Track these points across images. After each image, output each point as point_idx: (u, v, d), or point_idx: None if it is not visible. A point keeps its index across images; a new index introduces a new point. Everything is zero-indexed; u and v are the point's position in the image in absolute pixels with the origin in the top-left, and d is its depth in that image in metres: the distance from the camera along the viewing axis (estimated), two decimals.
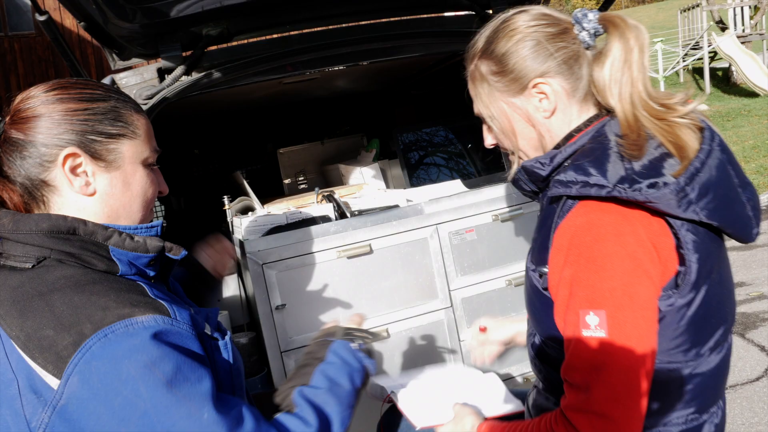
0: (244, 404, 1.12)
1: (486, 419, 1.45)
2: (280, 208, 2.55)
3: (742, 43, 13.77)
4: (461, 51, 2.78)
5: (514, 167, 1.40)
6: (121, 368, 0.98)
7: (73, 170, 1.14)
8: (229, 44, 2.23)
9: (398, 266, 2.32)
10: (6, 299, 1.04)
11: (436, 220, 2.36)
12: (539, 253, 1.28)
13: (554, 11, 1.33)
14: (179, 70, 2.09)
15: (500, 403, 1.64)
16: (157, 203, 3.72)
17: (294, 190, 3.55)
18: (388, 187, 3.02)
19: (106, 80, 2.08)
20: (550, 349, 1.32)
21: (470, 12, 2.57)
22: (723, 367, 1.28)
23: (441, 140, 2.98)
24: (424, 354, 2.36)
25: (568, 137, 1.30)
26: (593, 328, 1.13)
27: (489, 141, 1.45)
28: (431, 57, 2.96)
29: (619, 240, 1.13)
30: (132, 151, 1.19)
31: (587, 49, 1.28)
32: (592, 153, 1.20)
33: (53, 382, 0.98)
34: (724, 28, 14.69)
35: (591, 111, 1.32)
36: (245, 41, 2.29)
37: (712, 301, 1.20)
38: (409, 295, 2.34)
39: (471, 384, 1.73)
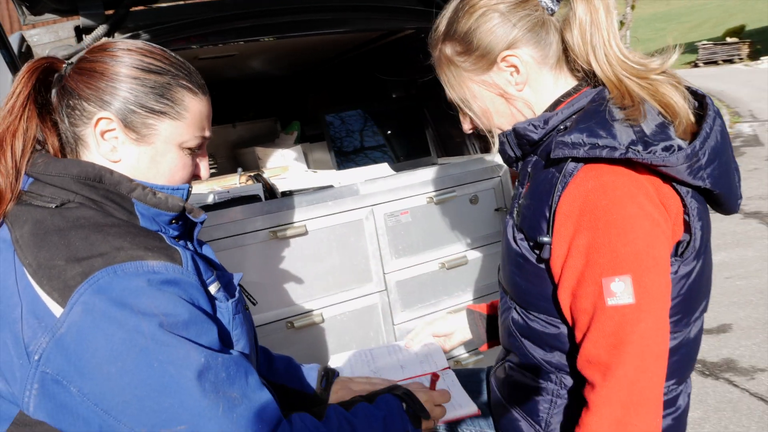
0: (250, 366, 1.10)
1: None
2: (203, 188, 2.39)
3: None
4: (391, 30, 2.79)
5: (497, 145, 1.35)
6: (126, 304, 0.98)
7: (104, 134, 1.14)
8: (157, 5, 2.05)
9: (333, 248, 2.24)
10: (27, 231, 1.05)
11: (371, 201, 2.29)
12: (532, 221, 1.22)
13: None
14: (100, 29, 1.89)
15: (454, 407, 1.55)
16: None
17: None
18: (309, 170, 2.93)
19: (14, 37, 1.84)
20: (534, 323, 1.28)
21: None
22: (701, 336, 1.29)
23: (366, 123, 2.92)
24: (358, 340, 2.29)
25: (557, 103, 1.26)
26: (619, 295, 1.08)
27: (466, 127, 1.39)
28: (353, 37, 2.90)
29: (635, 201, 1.09)
30: (170, 131, 1.17)
31: (552, 14, 1.24)
32: (596, 115, 1.15)
33: (56, 309, 0.97)
34: None
35: (569, 78, 1.28)
36: (173, 3, 2.12)
37: (706, 271, 1.21)
38: (344, 278, 2.27)
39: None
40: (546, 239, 1.17)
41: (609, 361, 1.11)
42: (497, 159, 2.53)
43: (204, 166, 1.28)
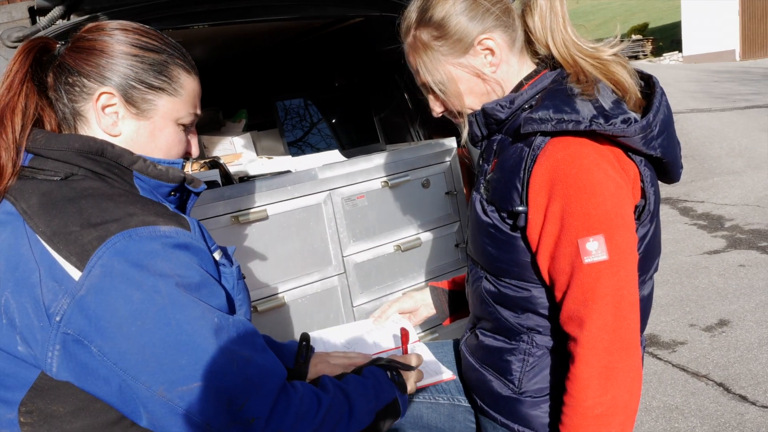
0: (255, 329, 1.14)
1: None
2: None
3: None
4: (337, 18, 2.82)
5: (466, 130, 1.43)
6: (143, 266, 1.01)
7: (104, 108, 1.17)
8: None
9: (293, 232, 2.27)
10: (35, 203, 1.07)
11: (329, 186, 2.34)
12: (503, 193, 1.30)
13: None
14: (56, 11, 1.83)
15: (431, 374, 1.63)
16: None
17: None
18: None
19: None
20: (506, 289, 1.37)
21: None
22: (653, 293, 1.42)
23: (315, 111, 2.94)
24: (320, 322, 2.33)
25: (520, 85, 1.36)
26: (594, 253, 1.18)
27: (437, 110, 1.46)
28: (298, 25, 2.91)
29: (600, 168, 1.20)
30: (168, 107, 1.21)
31: (513, 0, 1.35)
32: (558, 93, 1.26)
33: (75, 273, 1.00)
34: None
35: (530, 63, 1.39)
36: None
37: (658, 232, 1.34)
38: (305, 262, 2.30)
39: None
40: (521, 208, 1.26)
41: (589, 313, 1.21)
42: (447, 144, 2.62)
43: (195, 143, 1.32)
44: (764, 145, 8.69)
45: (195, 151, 1.32)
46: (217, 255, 1.19)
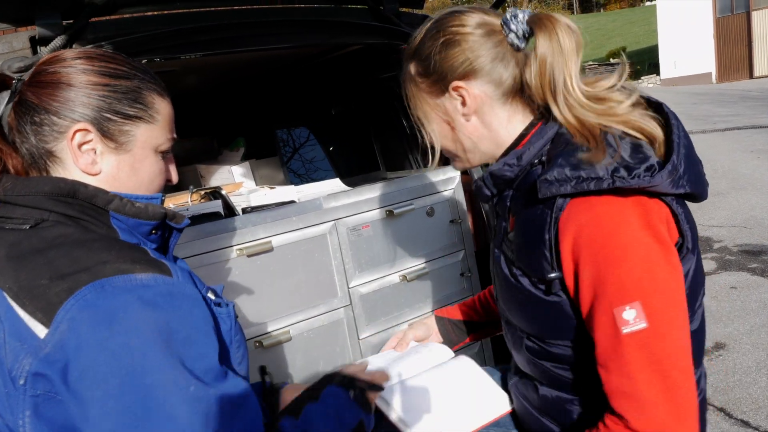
0: (245, 387, 1.04)
1: None
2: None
3: None
4: (335, 46, 2.80)
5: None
6: (114, 321, 0.92)
7: (81, 146, 1.09)
8: (115, 17, 1.97)
9: (299, 264, 2.22)
10: (2, 256, 0.99)
11: (334, 216, 2.29)
12: (531, 260, 1.24)
13: (487, 11, 1.30)
14: (58, 40, 1.79)
15: (492, 402, 1.56)
16: None
17: None
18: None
19: None
20: (553, 348, 1.30)
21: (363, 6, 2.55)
22: (704, 319, 1.34)
23: (315, 139, 2.92)
24: (326, 356, 2.27)
25: (521, 137, 1.30)
26: (632, 322, 1.10)
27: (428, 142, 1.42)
28: (292, 53, 2.89)
29: (629, 230, 1.12)
30: (146, 135, 1.13)
31: (518, 51, 1.27)
32: (569, 147, 1.19)
33: (41, 330, 0.92)
34: None
35: (527, 114, 1.32)
36: (136, 15, 2.04)
37: (699, 265, 1.27)
38: (310, 294, 2.25)
39: (457, 379, 1.60)
40: (554, 275, 1.20)
41: (636, 389, 1.12)
42: (450, 172, 2.59)
43: (173, 169, 1.24)
44: (746, 166, 8.80)
45: (175, 177, 1.24)
46: (211, 295, 1.12)
